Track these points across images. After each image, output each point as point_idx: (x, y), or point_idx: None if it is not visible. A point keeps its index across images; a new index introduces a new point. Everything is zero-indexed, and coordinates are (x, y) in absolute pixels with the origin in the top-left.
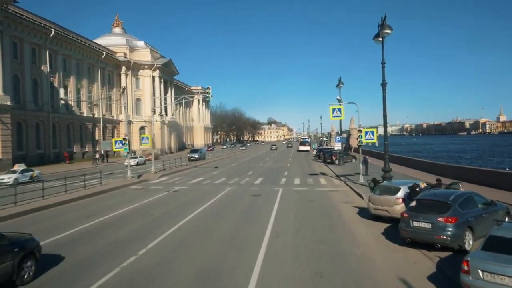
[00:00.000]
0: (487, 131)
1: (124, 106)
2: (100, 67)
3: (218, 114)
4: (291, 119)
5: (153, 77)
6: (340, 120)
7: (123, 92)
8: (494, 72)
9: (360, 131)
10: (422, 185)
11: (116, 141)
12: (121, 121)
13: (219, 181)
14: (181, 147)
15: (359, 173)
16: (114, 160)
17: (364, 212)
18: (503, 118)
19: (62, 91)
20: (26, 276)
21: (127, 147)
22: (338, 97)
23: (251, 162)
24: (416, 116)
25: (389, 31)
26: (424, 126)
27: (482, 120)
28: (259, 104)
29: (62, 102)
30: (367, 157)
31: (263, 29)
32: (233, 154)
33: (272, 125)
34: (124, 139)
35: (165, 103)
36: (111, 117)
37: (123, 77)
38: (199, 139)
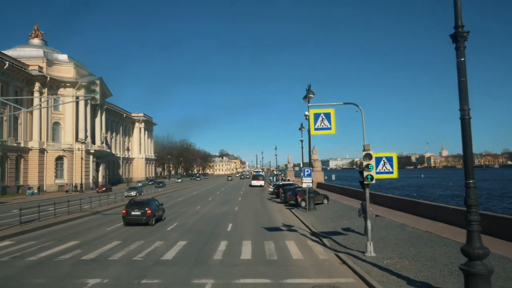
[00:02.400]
0: (432, 165)
1: None
2: (2, 81)
3: (165, 145)
4: (244, 151)
5: (77, 97)
6: (306, 139)
7: None
8: (437, 109)
9: (368, 157)
10: None
11: None
12: (31, 149)
13: (95, 252)
14: (115, 181)
15: (351, 230)
16: (5, 199)
17: None
18: (445, 153)
19: None
20: (163, 217)
21: None
22: (307, 113)
23: (185, 204)
24: None
25: None
26: None
27: (427, 155)
28: (211, 136)
29: None
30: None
31: (211, 59)
32: (165, 192)
33: (224, 157)
34: None
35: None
36: (16, 144)
37: (36, 95)
38: (139, 172)
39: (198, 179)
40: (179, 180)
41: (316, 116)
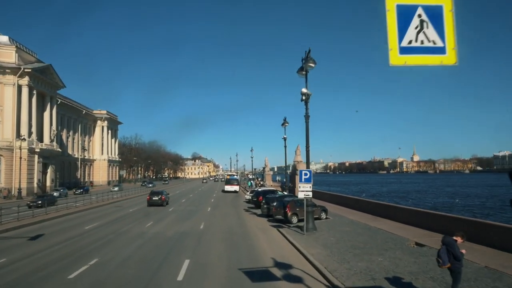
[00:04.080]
0: (404, 170)
1: None
2: None
3: (133, 146)
4: (217, 155)
5: (20, 86)
6: (290, 137)
7: None
8: (408, 115)
9: None
10: None
11: None
12: None
13: None
14: (71, 185)
15: (407, 285)
16: None
17: None
18: (416, 158)
19: None
20: (168, 202)
21: None
22: (305, 89)
23: (134, 218)
24: (339, 155)
25: None
26: (347, 164)
27: (399, 160)
28: (184, 138)
29: None
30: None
31: (182, 60)
32: (118, 199)
33: (197, 160)
34: None
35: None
36: None
37: None
38: (101, 175)
39: (150, 185)
40: (115, 189)
41: (406, 13)
